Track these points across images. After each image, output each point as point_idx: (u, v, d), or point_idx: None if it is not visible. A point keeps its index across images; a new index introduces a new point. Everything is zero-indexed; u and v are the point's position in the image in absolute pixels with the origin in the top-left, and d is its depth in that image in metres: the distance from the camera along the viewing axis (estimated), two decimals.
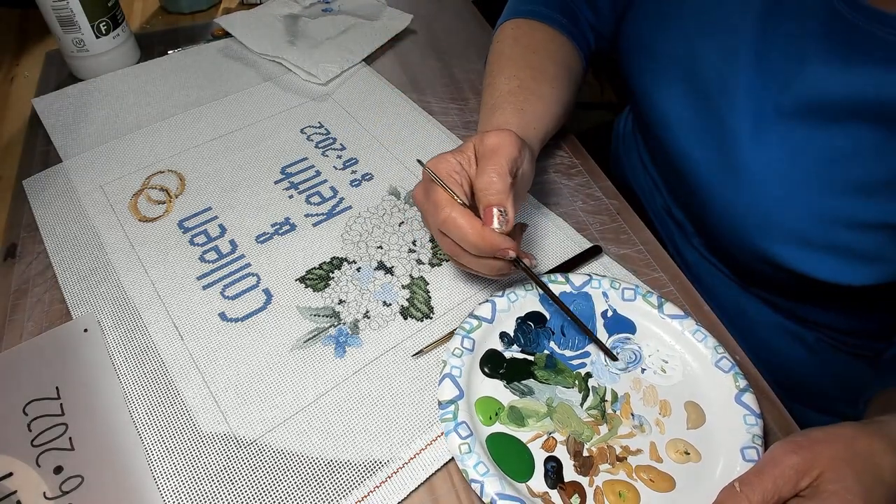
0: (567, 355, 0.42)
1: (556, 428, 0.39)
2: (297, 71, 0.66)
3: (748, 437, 0.37)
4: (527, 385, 0.40)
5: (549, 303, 0.44)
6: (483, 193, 0.39)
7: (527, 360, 0.42)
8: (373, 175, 0.55)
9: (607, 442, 0.38)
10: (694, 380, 0.41)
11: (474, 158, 0.41)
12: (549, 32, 0.56)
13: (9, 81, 0.70)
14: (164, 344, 0.43)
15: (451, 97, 0.64)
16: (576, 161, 0.57)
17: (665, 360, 0.42)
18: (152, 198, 0.53)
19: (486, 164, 0.39)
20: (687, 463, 0.37)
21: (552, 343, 0.43)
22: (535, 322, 0.43)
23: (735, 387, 0.39)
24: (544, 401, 0.40)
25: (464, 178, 0.41)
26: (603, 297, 0.45)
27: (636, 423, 0.39)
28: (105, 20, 0.63)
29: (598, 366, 0.42)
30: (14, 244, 0.51)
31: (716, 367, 0.40)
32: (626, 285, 0.44)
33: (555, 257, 0.48)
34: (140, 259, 0.48)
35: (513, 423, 0.38)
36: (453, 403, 0.38)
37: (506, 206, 0.38)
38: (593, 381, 0.41)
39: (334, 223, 0.51)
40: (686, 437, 0.38)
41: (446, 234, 0.39)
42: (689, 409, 0.39)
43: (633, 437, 0.38)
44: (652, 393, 0.40)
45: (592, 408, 0.39)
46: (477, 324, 0.42)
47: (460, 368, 0.40)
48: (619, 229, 0.51)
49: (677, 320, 0.43)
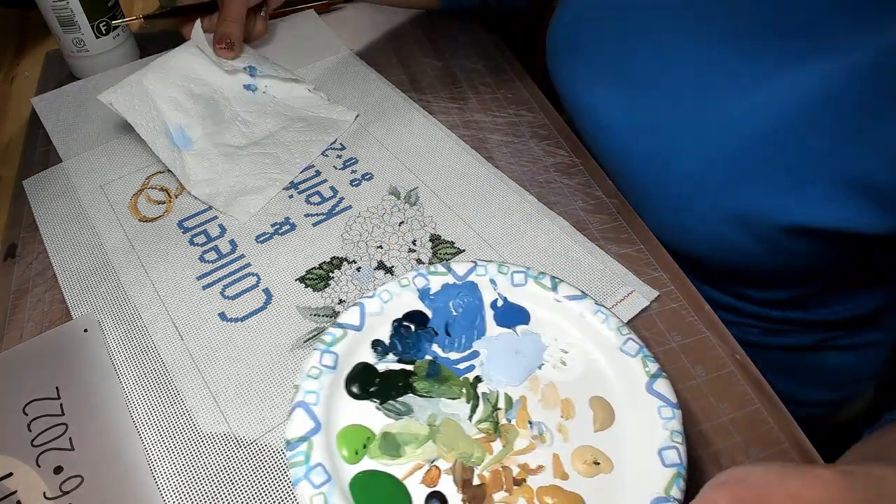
0: (453, 358, 0.36)
1: (440, 453, 0.32)
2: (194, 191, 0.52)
3: (665, 434, 0.31)
4: (404, 403, 0.34)
5: (430, 298, 0.38)
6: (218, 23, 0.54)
7: (405, 372, 0.35)
8: (373, 175, 0.55)
9: (502, 462, 0.32)
10: (598, 370, 0.35)
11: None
12: None
13: (9, 81, 0.70)
14: (164, 344, 0.43)
15: (451, 97, 0.64)
16: (576, 161, 0.57)
17: (565, 350, 0.36)
18: (152, 198, 0.53)
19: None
20: (597, 475, 0.31)
21: (435, 346, 0.36)
22: (415, 323, 0.37)
23: (645, 373, 0.33)
24: (425, 420, 0.33)
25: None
26: (491, 284, 0.39)
27: (535, 433, 0.33)
28: (105, 20, 0.63)
29: (491, 367, 0.36)
30: (14, 244, 0.51)
31: (621, 351, 0.35)
32: (515, 268, 0.39)
33: None
34: (140, 259, 0.48)
35: (386, 456, 0.32)
36: (305, 441, 0.31)
37: (231, 40, 0.55)
38: (483, 387, 0.35)
39: (334, 223, 0.51)
40: (595, 443, 0.32)
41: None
42: (596, 406, 0.34)
43: (532, 451, 0.32)
44: (552, 392, 0.34)
45: (483, 420, 0.33)
46: (341, 333, 0.35)
47: (317, 393, 0.33)
48: (619, 229, 0.51)
49: (574, 301, 0.37)
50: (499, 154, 0.57)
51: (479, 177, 0.54)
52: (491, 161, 0.56)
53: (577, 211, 0.52)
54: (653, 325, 0.45)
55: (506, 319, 0.38)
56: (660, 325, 0.45)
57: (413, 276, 0.39)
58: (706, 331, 0.44)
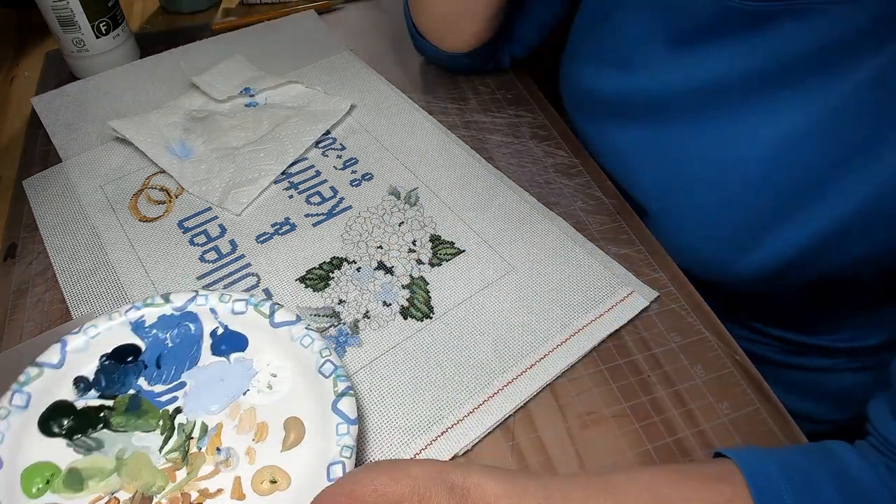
0: (157, 391, 0.37)
1: (123, 485, 0.33)
2: (194, 191, 0.53)
3: (336, 450, 0.33)
4: (96, 439, 0.35)
5: (144, 330, 0.39)
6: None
7: (102, 407, 0.36)
8: (373, 175, 0.55)
9: (183, 489, 0.33)
10: (297, 391, 0.37)
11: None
12: None
13: (9, 81, 0.70)
14: None
15: (451, 97, 0.64)
16: (576, 161, 0.57)
17: (274, 374, 0.37)
18: (152, 198, 0.53)
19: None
20: (273, 493, 0.33)
21: (142, 379, 0.37)
22: (123, 359, 0.38)
23: (333, 392, 0.35)
24: (114, 454, 0.34)
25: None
26: (211, 314, 0.39)
27: (222, 458, 0.34)
28: (105, 20, 0.63)
29: (194, 397, 0.37)
30: (14, 244, 0.51)
31: (318, 372, 0.36)
32: (237, 297, 0.40)
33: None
34: (140, 259, 0.48)
35: (69, 490, 0.33)
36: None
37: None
38: (182, 417, 0.36)
39: (334, 223, 0.51)
40: (279, 462, 0.34)
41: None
42: (290, 426, 0.35)
43: (215, 476, 0.34)
44: (249, 416, 0.36)
45: (174, 450, 0.35)
46: (37, 372, 0.35)
47: (3, 433, 0.33)
48: (619, 229, 0.51)
49: (286, 327, 0.38)
50: (499, 154, 0.57)
51: (479, 177, 0.54)
52: (491, 161, 0.56)
53: (577, 211, 0.52)
54: (653, 326, 0.45)
55: (222, 348, 0.39)
56: (659, 326, 0.45)
57: (126, 310, 0.39)
58: (706, 331, 0.44)
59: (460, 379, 0.41)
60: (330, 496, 0.28)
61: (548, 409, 0.41)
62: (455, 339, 0.43)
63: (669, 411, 0.40)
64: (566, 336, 0.43)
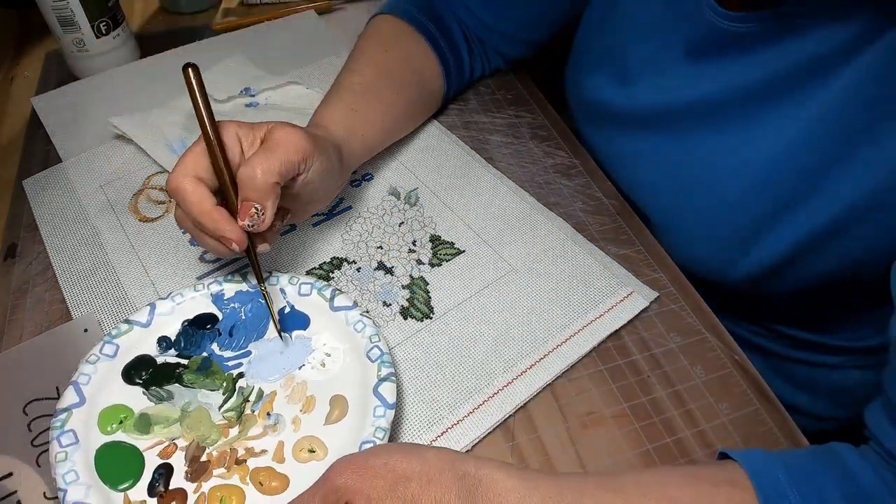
0: (225, 356, 0.41)
1: (182, 433, 0.37)
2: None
3: (370, 430, 0.35)
4: (167, 390, 0.39)
5: (223, 302, 0.43)
6: (242, 185, 0.37)
7: (178, 364, 0.40)
8: (373, 175, 0.55)
9: (232, 445, 0.37)
10: (346, 372, 0.39)
11: (259, 142, 0.40)
12: (412, 35, 0.56)
13: (9, 81, 0.70)
14: None
15: (451, 97, 0.64)
16: (576, 161, 0.57)
17: (328, 353, 0.41)
18: (152, 198, 0.53)
19: (259, 157, 0.37)
20: (310, 462, 0.36)
21: (214, 345, 0.41)
22: (202, 325, 0.42)
23: (377, 376, 0.38)
24: (180, 406, 0.38)
25: (234, 151, 0.39)
26: (281, 293, 0.43)
27: (270, 423, 0.37)
28: (105, 20, 0.63)
29: (256, 365, 0.40)
30: (14, 244, 0.51)
31: (366, 356, 0.39)
32: (304, 280, 0.43)
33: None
34: (140, 259, 0.48)
35: (136, 432, 0.37)
36: (67, 411, 0.36)
37: (264, 205, 0.37)
38: (243, 382, 0.39)
39: (334, 223, 0.51)
40: (320, 434, 0.37)
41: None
42: (335, 403, 0.38)
43: (262, 438, 0.37)
44: (301, 389, 0.39)
45: (231, 409, 0.38)
46: (127, 328, 0.40)
47: (89, 376, 0.38)
48: (618, 229, 0.51)
49: (343, 311, 0.41)
50: (499, 155, 0.57)
51: (479, 177, 0.54)
52: (491, 162, 0.56)
53: (577, 212, 0.52)
54: (652, 326, 0.45)
55: (287, 324, 0.42)
56: (659, 326, 0.45)
57: (209, 283, 0.43)
58: (706, 331, 0.44)
59: (460, 379, 0.41)
60: (345, 463, 0.30)
61: (548, 409, 0.41)
62: (455, 339, 0.43)
63: (669, 411, 0.40)
64: (566, 336, 0.43)
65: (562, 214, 0.52)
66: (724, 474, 0.32)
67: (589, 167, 0.56)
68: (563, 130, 0.60)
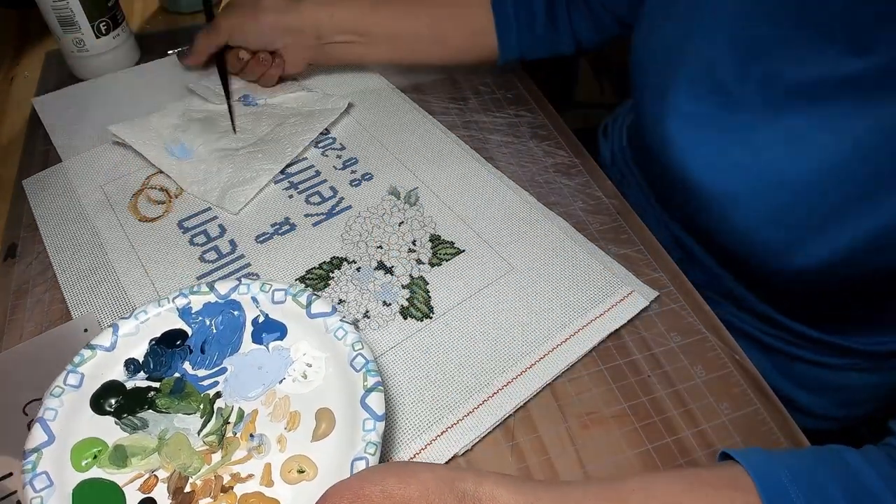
0: (200, 375, 0.38)
1: (162, 464, 0.35)
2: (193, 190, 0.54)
3: (361, 445, 0.33)
4: (141, 418, 0.36)
5: (191, 316, 0.40)
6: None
7: (150, 388, 0.38)
8: (372, 175, 0.55)
9: (216, 471, 0.34)
10: (330, 383, 0.37)
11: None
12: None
13: (9, 81, 0.70)
14: None
15: (451, 97, 0.64)
16: (576, 161, 0.57)
17: (309, 363, 0.38)
18: (152, 198, 0.53)
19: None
20: (300, 483, 0.34)
21: (187, 363, 0.39)
22: (171, 343, 0.39)
23: (363, 387, 0.35)
24: (157, 434, 0.36)
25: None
26: (253, 302, 0.40)
27: (254, 444, 0.35)
28: (105, 20, 0.63)
29: (233, 383, 0.38)
30: (14, 244, 0.51)
31: (350, 365, 0.37)
32: (277, 287, 0.40)
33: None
34: (140, 259, 0.48)
35: (113, 466, 0.35)
36: (36, 452, 0.34)
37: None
38: (221, 402, 0.37)
39: (334, 223, 0.51)
40: (308, 452, 0.35)
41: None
42: (321, 417, 0.36)
43: (248, 462, 0.35)
44: (283, 405, 0.37)
45: (211, 433, 0.36)
46: (90, 354, 0.38)
47: (56, 410, 0.35)
48: (619, 229, 0.51)
49: (321, 318, 0.39)
50: (499, 154, 0.57)
51: (479, 177, 0.54)
52: (491, 161, 0.56)
53: (577, 211, 0.52)
54: (653, 326, 0.45)
55: (261, 336, 0.40)
56: (660, 326, 0.45)
57: (173, 297, 0.40)
58: (706, 331, 0.44)
59: (460, 379, 0.41)
60: (339, 492, 0.29)
61: (548, 409, 0.41)
62: (455, 338, 0.43)
63: (669, 411, 0.40)
64: (566, 336, 0.43)
65: (562, 214, 0.52)
66: (725, 477, 0.32)
67: (589, 167, 0.56)
68: (564, 130, 0.60)
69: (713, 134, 0.48)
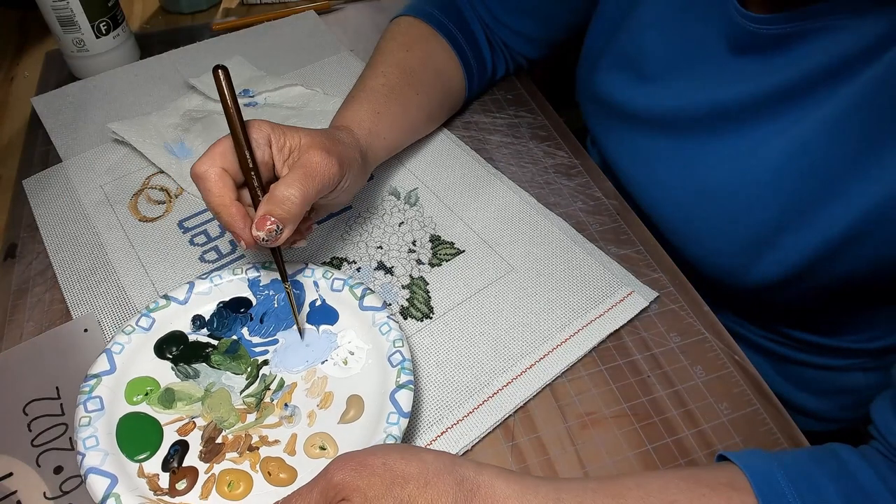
0: (254, 342, 0.41)
1: (202, 413, 0.38)
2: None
3: (381, 437, 0.35)
4: (195, 369, 0.40)
5: (259, 288, 0.44)
6: (271, 201, 0.37)
7: (208, 344, 0.41)
8: (373, 175, 0.55)
9: (248, 430, 0.37)
10: (367, 373, 0.40)
11: (287, 151, 0.40)
12: (433, 36, 0.56)
13: (9, 81, 0.70)
14: None
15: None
16: (576, 161, 0.57)
17: (352, 352, 0.41)
18: (152, 198, 0.53)
19: (297, 179, 0.38)
20: (320, 458, 0.36)
21: (244, 329, 0.42)
22: (236, 309, 0.43)
23: (395, 382, 0.38)
24: (205, 385, 0.39)
25: (264, 151, 0.39)
26: (314, 286, 0.44)
27: (286, 413, 0.38)
28: (105, 20, 0.63)
29: (281, 354, 0.41)
30: (14, 244, 0.51)
31: (388, 360, 0.39)
32: (337, 276, 0.43)
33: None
34: (140, 259, 0.48)
35: (160, 405, 0.38)
36: (96, 378, 0.38)
37: (284, 226, 0.37)
38: (267, 369, 0.40)
39: (334, 223, 0.51)
40: (333, 432, 0.37)
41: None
42: (352, 403, 0.38)
43: (277, 428, 0.37)
44: (321, 384, 0.39)
45: (251, 395, 0.39)
46: (164, 303, 0.42)
47: (123, 345, 0.39)
48: (619, 229, 0.51)
49: (371, 312, 0.41)
50: (499, 155, 0.57)
51: (479, 178, 0.54)
52: (491, 162, 0.56)
53: (577, 212, 0.52)
54: (652, 326, 0.45)
55: (316, 318, 0.43)
56: (659, 326, 0.45)
57: (247, 268, 0.44)
58: (705, 331, 0.44)
59: (460, 379, 0.41)
60: (345, 460, 0.30)
61: (548, 409, 0.41)
62: (455, 339, 0.43)
63: (669, 411, 0.40)
64: (566, 336, 0.43)
65: (562, 214, 0.52)
66: (722, 477, 0.32)
67: (589, 167, 0.56)
68: (563, 130, 0.60)
69: (642, 154, 0.50)
